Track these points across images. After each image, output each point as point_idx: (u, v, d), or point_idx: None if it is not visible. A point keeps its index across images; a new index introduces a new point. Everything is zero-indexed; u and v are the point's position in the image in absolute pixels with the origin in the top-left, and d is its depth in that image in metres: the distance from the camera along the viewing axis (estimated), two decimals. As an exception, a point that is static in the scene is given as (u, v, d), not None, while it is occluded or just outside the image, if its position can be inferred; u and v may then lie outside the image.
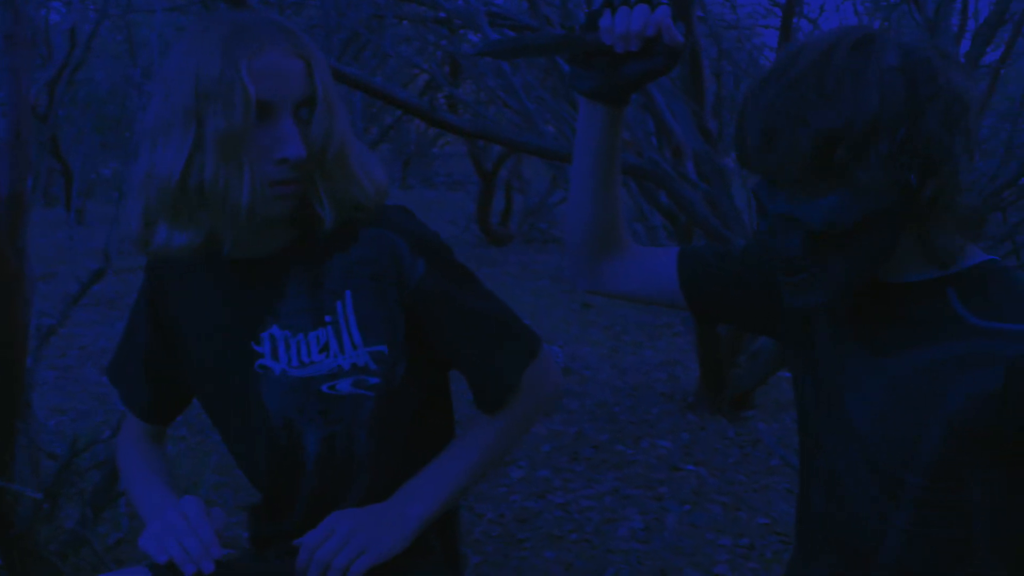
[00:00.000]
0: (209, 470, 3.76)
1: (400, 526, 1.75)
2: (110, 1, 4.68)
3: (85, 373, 5.78)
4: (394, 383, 1.81)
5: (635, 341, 6.72)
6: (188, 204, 1.64)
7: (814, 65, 1.33)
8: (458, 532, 2.04)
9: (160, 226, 1.67)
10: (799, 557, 1.76)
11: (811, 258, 1.41)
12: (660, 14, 1.50)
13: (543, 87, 6.33)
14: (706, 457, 4.46)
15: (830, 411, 1.58)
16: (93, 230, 10.61)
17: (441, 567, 1.95)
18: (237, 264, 1.78)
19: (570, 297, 8.09)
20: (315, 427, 1.79)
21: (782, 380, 5.41)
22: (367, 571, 1.70)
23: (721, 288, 1.73)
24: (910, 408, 1.44)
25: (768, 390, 5.24)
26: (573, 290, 8.33)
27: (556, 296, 8.15)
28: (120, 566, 3.15)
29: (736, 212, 4.00)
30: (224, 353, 1.83)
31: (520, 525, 3.80)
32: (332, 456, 1.81)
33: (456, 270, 1.85)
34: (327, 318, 1.78)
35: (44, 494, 2.94)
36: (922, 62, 1.33)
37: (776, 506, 3.90)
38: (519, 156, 10.66)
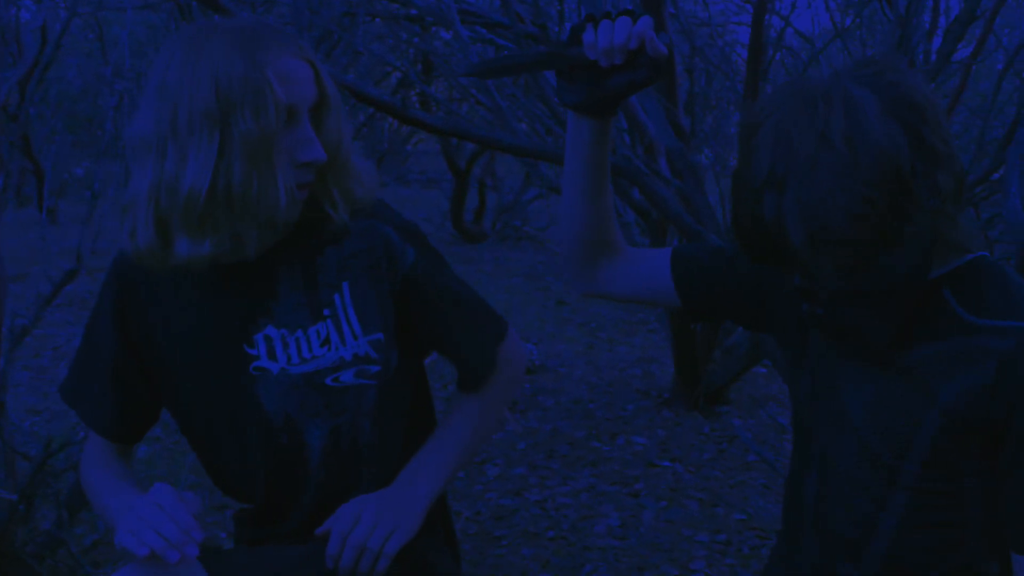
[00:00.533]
0: (185, 470, 3.75)
1: (414, 505, 1.81)
2: None
3: (59, 374, 5.74)
4: (391, 370, 1.85)
5: (610, 338, 6.72)
6: (214, 212, 1.63)
7: (818, 149, 1.31)
8: (450, 511, 2.11)
9: (180, 238, 1.65)
10: (783, 545, 1.78)
11: (876, 313, 1.43)
12: (642, 26, 1.50)
13: (515, 84, 6.32)
14: (682, 453, 4.47)
15: (825, 403, 1.60)
16: (66, 230, 10.53)
17: (443, 544, 2.03)
18: (221, 269, 1.76)
19: (544, 294, 8.09)
20: (320, 421, 1.81)
21: (757, 376, 5.44)
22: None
23: (715, 286, 1.75)
24: (906, 402, 1.46)
25: (743, 386, 5.25)
26: (547, 288, 8.33)
27: (531, 294, 8.15)
28: (97, 568, 3.14)
29: (709, 208, 4.00)
30: (212, 360, 1.83)
31: (497, 523, 3.81)
32: (338, 448, 1.83)
33: (437, 256, 1.93)
34: (325, 312, 1.80)
35: (19, 495, 2.92)
36: (890, 88, 1.34)
37: (753, 502, 3.91)
38: (492, 154, 10.65)
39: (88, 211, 3.29)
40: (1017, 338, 1.38)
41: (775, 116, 1.37)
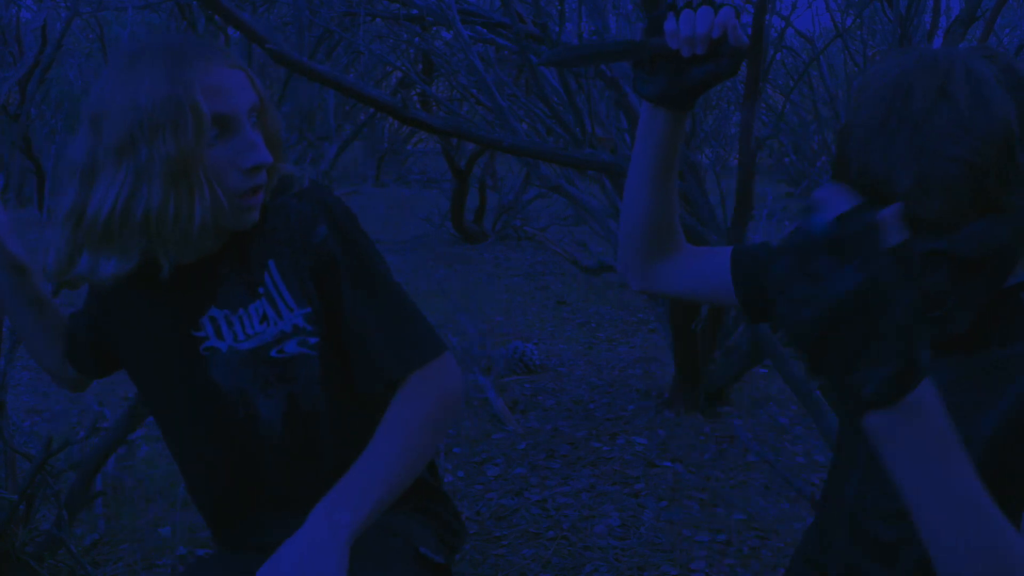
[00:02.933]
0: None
1: (334, 542, 1.67)
2: (81, -1, 4.66)
3: (59, 374, 5.74)
4: (331, 340, 1.85)
5: (610, 338, 6.73)
6: (123, 234, 1.68)
7: (938, 100, 1.32)
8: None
9: (84, 255, 1.72)
10: (812, 545, 1.78)
11: (957, 289, 1.41)
12: (724, 16, 1.49)
13: (516, 84, 6.32)
14: (682, 453, 4.47)
15: None
16: (65, 230, 10.54)
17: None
18: (172, 272, 1.78)
19: (544, 294, 8.09)
20: (273, 391, 1.84)
21: (757, 376, 5.44)
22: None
23: None
24: (972, 404, 1.44)
25: (743, 386, 5.25)
26: (547, 287, 8.33)
27: (531, 293, 8.15)
28: (97, 568, 3.14)
29: (710, 208, 4.01)
30: (167, 348, 1.87)
31: (497, 523, 3.81)
32: (298, 412, 1.85)
33: (360, 245, 1.87)
34: (260, 290, 1.83)
35: (19, 496, 2.92)
36: (1007, 68, 1.35)
37: (753, 502, 3.91)
38: (492, 154, 10.66)
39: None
40: None
41: (895, 72, 1.37)
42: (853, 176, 1.40)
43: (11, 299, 2.03)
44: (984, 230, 1.35)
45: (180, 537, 3.62)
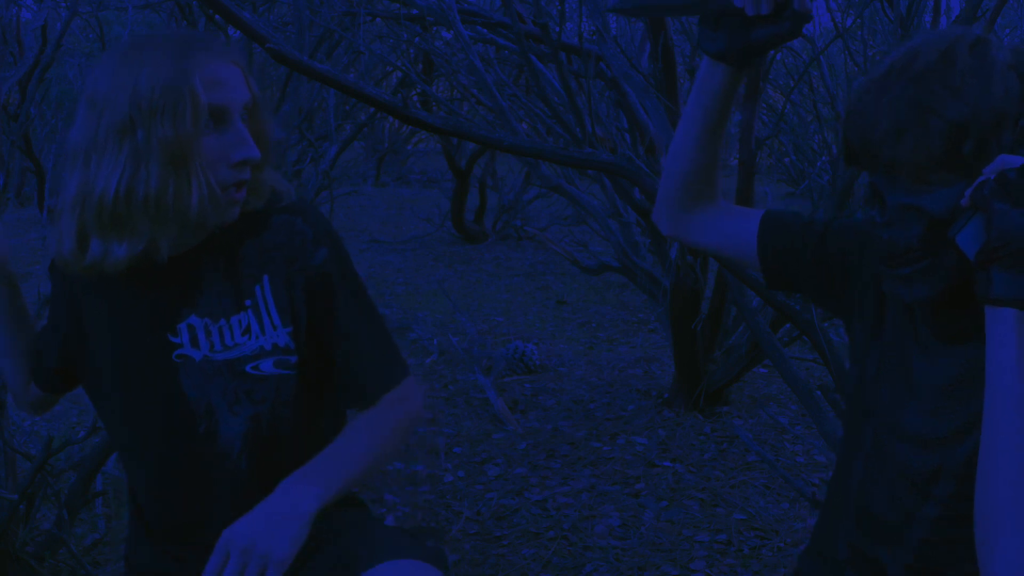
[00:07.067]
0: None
1: (295, 518, 1.67)
2: (81, -1, 4.65)
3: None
4: (311, 362, 1.86)
5: (610, 338, 6.72)
6: (131, 216, 1.68)
7: (937, 62, 1.38)
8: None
9: (94, 241, 1.72)
10: (818, 537, 1.79)
11: (927, 248, 1.44)
12: None
13: (516, 84, 6.31)
14: (683, 453, 4.47)
15: (891, 382, 1.60)
16: (65, 229, 10.49)
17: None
18: (148, 263, 1.79)
19: (545, 294, 8.09)
20: (240, 408, 1.83)
21: (757, 376, 5.44)
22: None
23: (798, 259, 1.76)
24: (975, 383, 1.43)
25: (743, 386, 5.25)
26: (548, 287, 8.33)
27: (532, 294, 8.15)
28: (97, 568, 3.14)
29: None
30: (137, 350, 1.87)
31: (498, 523, 3.81)
32: (259, 434, 1.85)
33: (351, 271, 1.92)
34: (247, 302, 1.83)
35: (19, 496, 2.92)
36: None
37: (753, 502, 3.91)
38: (493, 153, 10.64)
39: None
40: None
41: (914, 42, 1.44)
42: (850, 116, 1.46)
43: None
44: (955, 194, 1.39)
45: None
